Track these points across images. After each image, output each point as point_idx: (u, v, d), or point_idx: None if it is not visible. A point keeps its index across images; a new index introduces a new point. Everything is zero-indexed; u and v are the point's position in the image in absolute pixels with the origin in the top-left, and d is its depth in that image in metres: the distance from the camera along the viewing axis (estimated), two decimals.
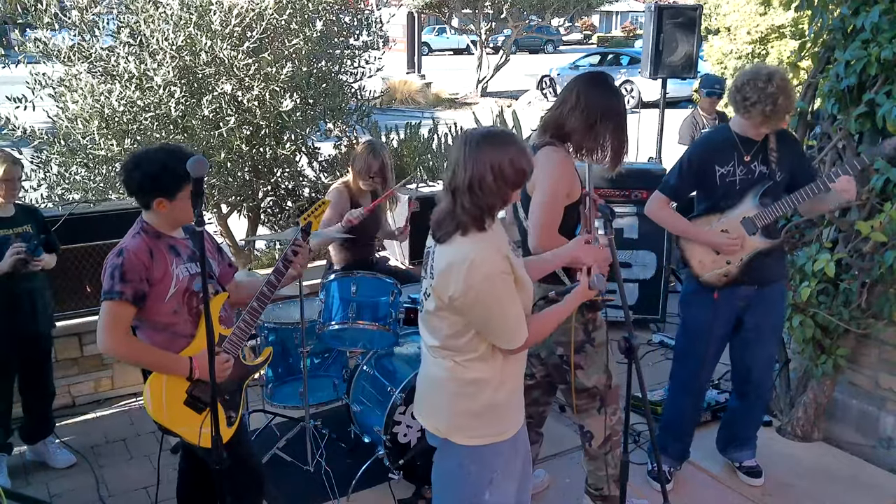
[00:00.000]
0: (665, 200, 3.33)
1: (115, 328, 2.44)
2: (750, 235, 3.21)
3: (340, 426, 3.89)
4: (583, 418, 3.05)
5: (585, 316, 2.91)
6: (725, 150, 3.23)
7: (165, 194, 2.50)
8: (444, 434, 2.26)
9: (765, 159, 3.21)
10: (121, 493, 3.57)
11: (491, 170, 2.06)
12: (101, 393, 4.48)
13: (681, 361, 3.53)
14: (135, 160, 2.55)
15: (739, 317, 3.38)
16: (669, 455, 3.58)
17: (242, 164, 5.23)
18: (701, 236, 3.27)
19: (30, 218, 3.59)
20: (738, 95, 3.10)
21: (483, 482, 2.24)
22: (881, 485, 3.60)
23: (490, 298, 2.08)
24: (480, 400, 2.21)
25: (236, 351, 2.66)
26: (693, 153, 3.32)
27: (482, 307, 2.09)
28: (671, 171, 3.39)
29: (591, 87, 2.81)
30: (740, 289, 3.29)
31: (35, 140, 4.73)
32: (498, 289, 2.09)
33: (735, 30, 8.57)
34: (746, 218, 3.21)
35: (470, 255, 2.08)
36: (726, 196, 3.24)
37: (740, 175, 3.21)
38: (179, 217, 2.57)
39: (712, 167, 3.23)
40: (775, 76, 3.03)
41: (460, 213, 2.10)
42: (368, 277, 3.62)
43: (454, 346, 2.20)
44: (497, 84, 22.39)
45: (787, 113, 3.10)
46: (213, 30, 4.65)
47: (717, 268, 3.28)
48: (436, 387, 2.28)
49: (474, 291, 2.07)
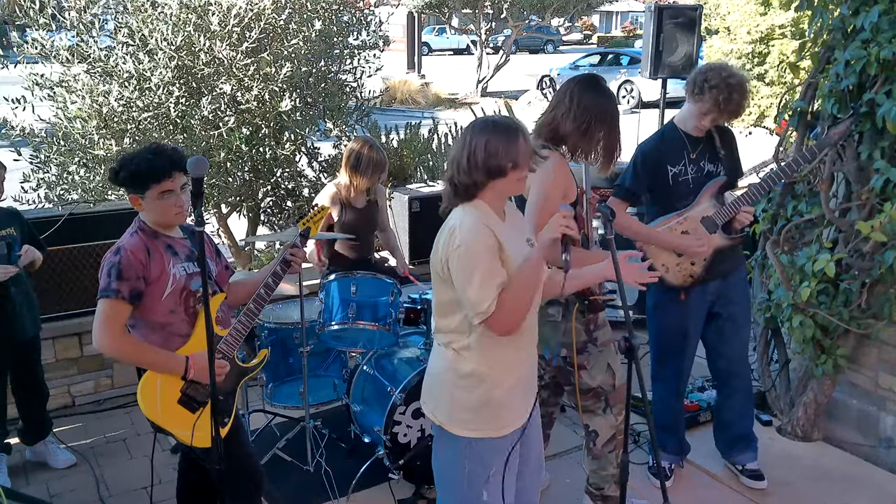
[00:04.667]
0: (623, 205, 3.29)
1: (111, 326, 2.44)
2: (711, 234, 3.22)
3: (340, 426, 3.89)
4: (588, 418, 3.07)
5: (586, 316, 2.92)
6: (675, 150, 3.23)
7: (135, 190, 2.52)
8: (441, 423, 2.32)
9: (713, 157, 3.23)
10: (121, 493, 3.57)
11: (468, 150, 2.16)
12: (101, 393, 4.48)
13: (662, 365, 3.53)
14: (117, 162, 2.60)
15: (710, 310, 3.40)
16: (668, 451, 3.60)
17: (242, 165, 5.22)
18: (667, 241, 3.26)
19: (12, 220, 3.52)
20: (699, 76, 3.11)
21: (479, 480, 2.27)
22: (881, 485, 3.60)
23: (462, 263, 2.14)
24: (477, 394, 2.24)
25: (231, 352, 2.66)
26: (645, 153, 3.29)
27: (455, 273, 2.15)
28: (624, 174, 3.34)
29: (584, 89, 2.84)
30: (708, 285, 3.33)
31: (34, 140, 4.72)
32: (471, 255, 2.13)
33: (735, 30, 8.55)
34: (706, 217, 3.22)
35: (455, 224, 2.17)
36: (681, 197, 3.23)
37: (692, 174, 3.22)
38: (158, 214, 2.55)
39: (665, 167, 3.22)
40: (738, 75, 3.08)
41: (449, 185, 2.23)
42: (368, 278, 3.62)
43: (447, 326, 2.26)
44: (497, 84, 22.39)
45: (734, 114, 3.13)
46: (211, 30, 4.65)
47: (681, 269, 3.28)
48: (436, 376, 2.34)
49: (453, 258, 2.14)
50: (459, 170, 2.19)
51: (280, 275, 2.70)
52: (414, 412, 3.36)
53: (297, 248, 2.75)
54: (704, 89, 3.07)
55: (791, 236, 3.89)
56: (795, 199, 3.90)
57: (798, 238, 3.91)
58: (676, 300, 3.33)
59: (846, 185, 3.74)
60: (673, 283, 3.30)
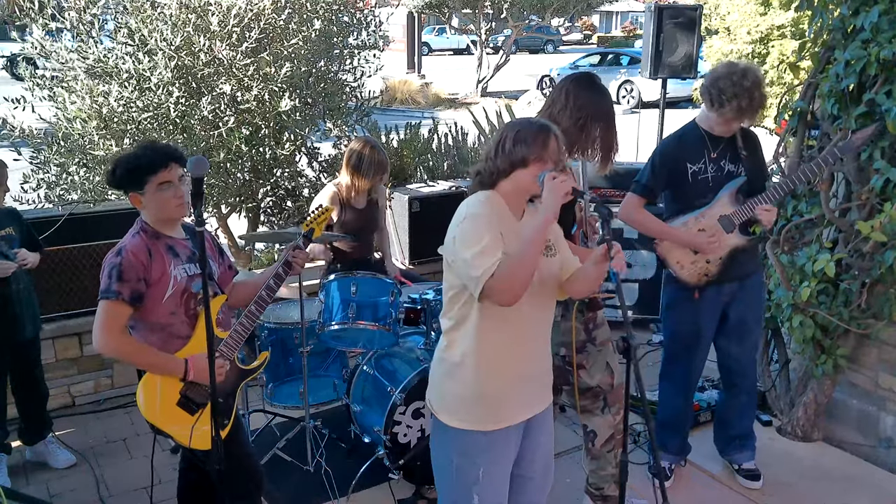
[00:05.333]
0: (639, 202, 3.29)
1: (111, 327, 2.44)
2: (728, 233, 3.21)
3: (340, 426, 3.88)
4: (587, 418, 3.06)
5: (585, 315, 2.92)
6: (695, 148, 3.22)
7: (134, 187, 2.51)
8: (434, 410, 2.38)
9: (734, 157, 3.22)
10: (121, 493, 3.56)
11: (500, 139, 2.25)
12: (101, 393, 4.48)
13: (672, 363, 3.53)
14: (112, 162, 2.60)
15: (724, 311, 3.40)
16: (669, 451, 3.60)
17: (242, 165, 5.22)
18: (680, 237, 3.26)
19: (12, 220, 3.54)
20: (714, 90, 3.08)
21: (468, 478, 2.29)
22: (881, 485, 3.60)
23: (463, 232, 2.18)
24: (468, 385, 2.28)
25: (232, 354, 2.66)
26: (664, 151, 3.30)
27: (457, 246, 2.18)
28: (642, 171, 3.34)
29: (579, 87, 2.86)
30: (723, 287, 3.32)
31: (34, 141, 4.73)
32: (475, 227, 2.17)
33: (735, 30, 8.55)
34: (724, 216, 3.21)
35: (463, 204, 2.26)
36: (700, 195, 3.23)
37: (712, 172, 3.21)
38: (159, 210, 2.54)
39: (684, 165, 3.22)
40: (749, 72, 3.04)
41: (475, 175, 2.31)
42: (368, 278, 3.61)
43: (450, 314, 2.31)
44: (497, 84, 22.38)
45: (761, 108, 3.09)
46: (211, 30, 4.65)
47: (696, 268, 3.28)
48: (435, 362, 2.41)
49: (458, 233, 2.19)
50: (487, 158, 2.27)
51: (282, 276, 2.69)
52: (414, 412, 3.36)
53: (299, 249, 2.75)
54: (724, 101, 3.04)
55: (791, 236, 3.88)
56: (795, 198, 3.89)
57: (798, 238, 3.91)
58: (690, 299, 3.32)
59: (846, 185, 3.74)
60: (687, 281, 3.30)
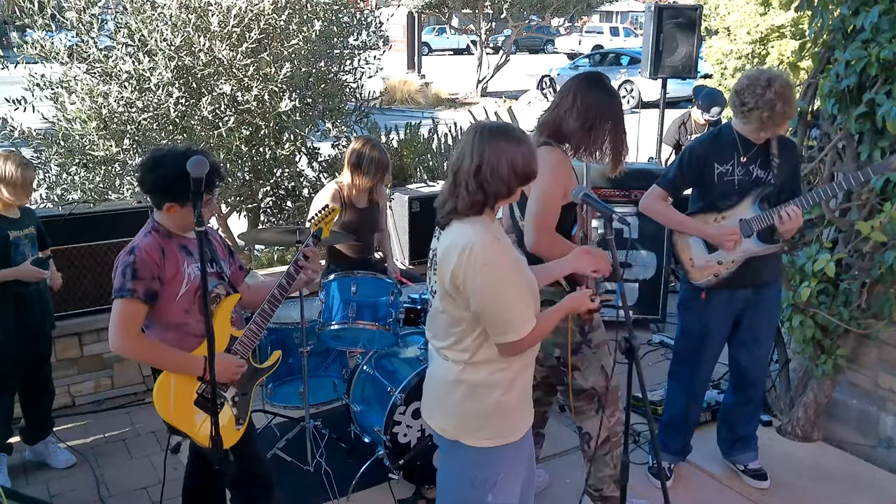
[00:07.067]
0: (663, 195, 3.32)
1: (127, 326, 2.42)
2: (745, 237, 3.21)
3: (340, 426, 3.88)
4: (581, 420, 3.05)
5: (582, 317, 2.91)
6: (726, 149, 3.22)
7: (177, 200, 2.46)
8: (452, 436, 2.25)
9: (765, 164, 3.20)
10: (121, 493, 3.56)
11: (506, 162, 2.11)
12: (101, 393, 4.48)
13: (680, 363, 3.54)
14: (154, 161, 2.49)
15: (738, 318, 3.39)
16: (670, 451, 3.60)
17: (242, 165, 5.23)
18: (698, 228, 3.27)
19: (31, 219, 3.62)
20: (737, 100, 3.09)
21: (487, 485, 2.24)
22: (881, 485, 3.60)
23: (487, 282, 2.10)
24: (489, 401, 2.20)
25: (247, 352, 2.66)
26: (695, 148, 3.31)
27: (480, 295, 2.10)
28: (671, 165, 3.38)
29: (587, 88, 2.82)
30: (738, 292, 3.30)
31: (33, 141, 4.73)
32: (499, 275, 2.11)
33: (735, 30, 8.55)
34: (743, 220, 3.21)
35: (470, 241, 2.12)
36: (724, 196, 3.23)
37: (739, 175, 3.21)
38: (189, 223, 2.50)
39: (712, 164, 3.22)
40: (775, 82, 2.99)
41: (462, 195, 2.14)
42: (368, 277, 3.62)
43: (456, 343, 2.21)
44: (497, 84, 22.38)
45: (785, 119, 3.07)
46: (211, 30, 4.65)
47: (708, 267, 3.28)
48: (444, 388, 2.27)
49: (474, 280, 2.09)
50: (493, 177, 2.11)
51: (293, 276, 2.69)
52: (414, 412, 3.36)
53: (309, 248, 2.75)
54: (745, 112, 3.05)
55: (791, 236, 3.88)
56: None
57: (798, 238, 3.91)
58: (698, 299, 3.33)
59: None
60: (697, 280, 3.31)
